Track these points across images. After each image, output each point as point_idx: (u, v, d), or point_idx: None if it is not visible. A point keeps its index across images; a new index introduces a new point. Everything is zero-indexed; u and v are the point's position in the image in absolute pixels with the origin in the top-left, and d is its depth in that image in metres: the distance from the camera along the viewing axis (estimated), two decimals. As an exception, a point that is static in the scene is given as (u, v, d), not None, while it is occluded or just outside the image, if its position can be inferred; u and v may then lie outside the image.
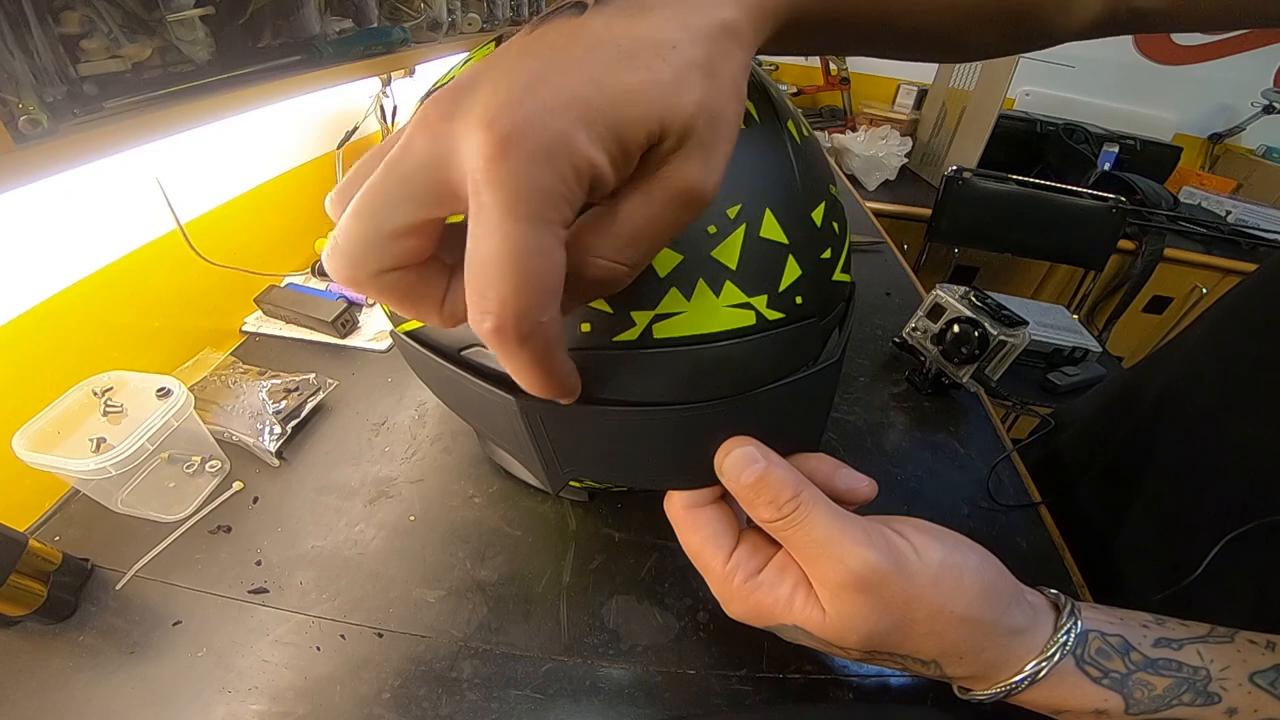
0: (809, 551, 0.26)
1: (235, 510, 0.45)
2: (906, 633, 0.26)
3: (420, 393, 0.56)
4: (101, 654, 0.36)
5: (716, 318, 0.28)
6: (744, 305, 0.29)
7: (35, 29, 0.33)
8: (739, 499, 0.28)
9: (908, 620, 0.25)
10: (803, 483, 0.27)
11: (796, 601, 0.27)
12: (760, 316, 0.29)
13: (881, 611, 0.25)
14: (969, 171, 1.51)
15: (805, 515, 0.26)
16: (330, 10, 0.57)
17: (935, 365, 0.57)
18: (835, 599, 0.26)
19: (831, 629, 0.26)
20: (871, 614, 0.25)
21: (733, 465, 0.28)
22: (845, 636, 0.26)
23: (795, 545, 0.27)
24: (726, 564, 0.28)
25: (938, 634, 0.26)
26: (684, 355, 0.28)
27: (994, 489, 0.50)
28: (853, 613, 0.25)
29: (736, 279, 0.28)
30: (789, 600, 0.27)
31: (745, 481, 0.27)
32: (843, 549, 0.25)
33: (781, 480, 0.27)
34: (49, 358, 0.46)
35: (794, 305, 0.30)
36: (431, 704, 0.34)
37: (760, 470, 0.27)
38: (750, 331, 0.29)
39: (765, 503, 0.27)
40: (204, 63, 0.44)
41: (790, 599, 0.27)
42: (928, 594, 0.25)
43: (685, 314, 0.28)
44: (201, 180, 0.58)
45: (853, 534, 0.25)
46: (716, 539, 0.29)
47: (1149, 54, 1.81)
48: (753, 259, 0.29)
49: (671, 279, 0.28)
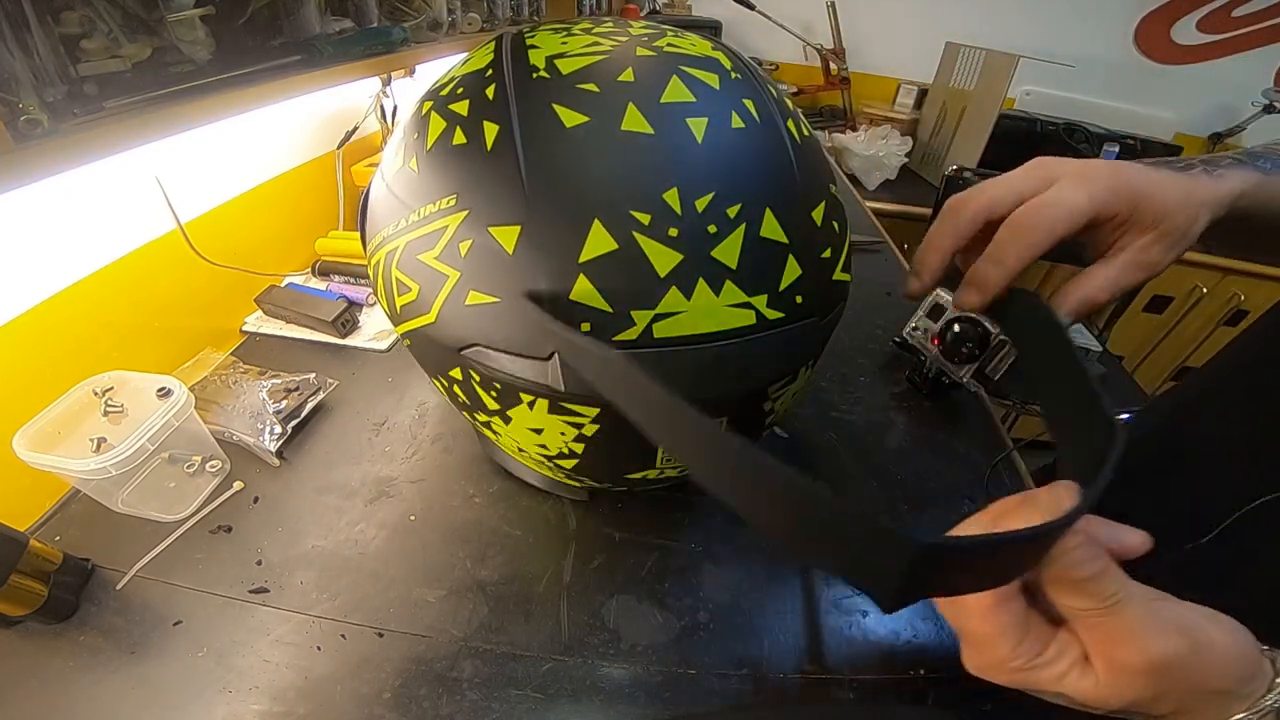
0: (1114, 636, 0.24)
1: (235, 510, 0.45)
2: (1159, 702, 0.25)
3: (420, 392, 0.56)
4: (102, 654, 0.36)
5: (716, 317, 0.28)
6: (744, 305, 0.29)
7: (35, 29, 0.33)
8: (1056, 585, 0.25)
9: (1168, 694, 0.24)
10: (1118, 570, 0.25)
11: (1070, 677, 0.25)
12: (760, 316, 0.29)
13: (1155, 689, 0.24)
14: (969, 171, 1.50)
15: (1124, 606, 0.24)
16: (330, 10, 0.57)
17: (935, 365, 0.57)
18: (1119, 676, 0.24)
19: (1096, 698, 0.25)
20: (1145, 691, 0.24)
21: (1075, 559, 0.24)
22: (1106, 703, 0.25)
23: (1100, 630, 0.25)
24: (1013, 652, 0.26)
25: (1183, 703, 0.25)
26: (684, 355, 0.28)
27: (994, 488, 0.50)
28: (1128, 688, 0.24)
29: (736, 278, 0.28)
30: (1061, 676, 0.26)
31: (1084, 574, 0.24)
32: (1150, 639, 0.24)
33: (1113, 573, 0.24)
34: (49, 358, 0.46)
35: (794, 305, 0.30)
36: (432, 704, 0.34)
37: (1102, 566, 0.24)
38: (750, 331, 0.29)
39: (1091, 594, 0.24)
40: (204, 63, 0.44)
41: (1064, 675, 0.25)
42: (1200, 677, 0.24)
43: (685, 314, 0.28)
44: (201, 180, 0.58)
45: (1163, 621, 0.24)
46: (1013, 630, 0.26)
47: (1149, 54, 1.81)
48: (753, 258, 0.29)
49: (672, 278, 0.28)
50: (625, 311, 0.28)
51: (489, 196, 0.29)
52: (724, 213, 0.28)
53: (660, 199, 0.28)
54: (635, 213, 0.28)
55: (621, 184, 0.28)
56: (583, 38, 0.33)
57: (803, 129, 0.35)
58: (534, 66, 0.31)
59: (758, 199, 0.29)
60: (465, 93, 0.32)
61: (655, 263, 0.27)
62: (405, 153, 0.34)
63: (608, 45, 0.32)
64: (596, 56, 0.31)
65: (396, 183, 0.34)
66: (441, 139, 0.32)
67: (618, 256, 0.27)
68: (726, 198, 0.28)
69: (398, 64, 0.68)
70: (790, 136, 0.32)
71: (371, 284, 0.37)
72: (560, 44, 0.32)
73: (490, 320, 0.30)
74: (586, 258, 0.27)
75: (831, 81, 1.86)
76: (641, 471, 0.37)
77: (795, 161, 0.31)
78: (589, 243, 0.27)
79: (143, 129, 0.39)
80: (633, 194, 0.28)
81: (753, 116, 0.31)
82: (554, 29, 0.34)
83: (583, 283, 0.28)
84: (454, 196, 0.30)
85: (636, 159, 0.28)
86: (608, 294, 0.28)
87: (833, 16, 1.79)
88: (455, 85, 0.33)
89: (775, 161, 0.31)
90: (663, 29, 0.35)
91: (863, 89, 1.93)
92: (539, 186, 0.28)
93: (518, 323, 0.29)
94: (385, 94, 0.81)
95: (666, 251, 0.27)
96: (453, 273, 0.30)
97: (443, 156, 0.31)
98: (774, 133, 0.32)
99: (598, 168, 0.28)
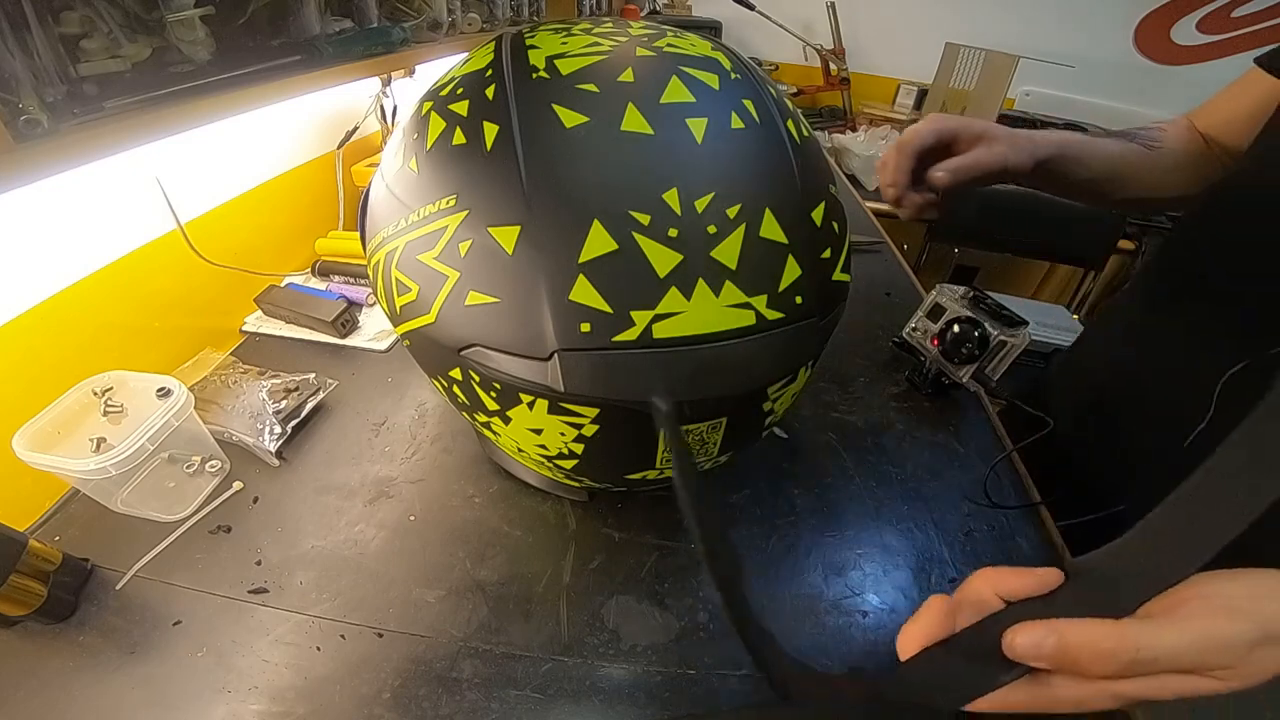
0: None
1: (235, 510, 0.45)
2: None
3: (420, 393, 0.56)
4: (102, 654, 0.36)
5: (716, 317, 0.28)
6: (744, 305, 0.29)
7: (35, 29, 0.33)
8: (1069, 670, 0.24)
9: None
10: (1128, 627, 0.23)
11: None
12: (760, 316, 0.29)
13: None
14: (969, 171, 1.50)
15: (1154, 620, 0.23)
16: (330, 10, 0.57)
17: (935, 365, 0.57)
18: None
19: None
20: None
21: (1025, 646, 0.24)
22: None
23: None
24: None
25: None
26: (684, 355, 0.28)
27: (993, 489, 0.50)
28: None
29: (736, 279, 0.29)
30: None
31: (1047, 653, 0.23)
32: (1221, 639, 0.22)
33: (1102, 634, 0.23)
34: (49, 358, 0.46)
35: (794, 305, 0.30)
36: (432, 704, 0.34)
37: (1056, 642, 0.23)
38: (750, 331, 0.29)
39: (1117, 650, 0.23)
40: (204, 63, 0.44)
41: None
42: None
43: (685, 314, 0.28)
44: (201, 180, 0.58)
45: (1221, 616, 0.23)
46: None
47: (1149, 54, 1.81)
48: (752, 259, 0.29)
49: (671, 279, 0.28)
50: (625, 312, 0.28)
51: (489, 197, 0.29)
52: (724, 213, 0.28)
53: (660, 199, 0.28)
54: (635, 213, 0.28)
55: (621, 184, 0.28)
56: (582, 38, 0.33)
57: (803, 129, 0.35)
58: (534, 67, 0.31)
59: (757, 199, 0.29)
60: (465, 93, 0.32)
61: (655, 263, 0.27)
62: (405, 153, 0.34)
63: (607, 45, 0.32)
64: (596, 57, 0.31)
65: (396, 183, 0.34)
66: (441, 139, 0.32)
67: (617, 257, 0.27)
68: (726, 198, 0.28)
69: (398, 64, 0.68)
70: (790, 137, 0.32)
71: (371, 284, 0.38)
72: (560, 44, 0.32)
73: (490, 320, 0.30)
74: (586, 258, 0.28)
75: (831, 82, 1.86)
76: (641, 472, 0.37)
77: (795, 162, 0.32)
78: (589, 243, 0.27)
79: (143, 129, 0.39)
80: (632, 194, 0.28)
81: (752, 117, 0.31)
82: (554, 29, 0.34)
83: (582, 283, 0.28)
84: (454, 197, 0.30)
85: (636, 159, 0.28)
86: (607, 294, 0.28)
87: (833, 17, 1.79)
88: (455, 85, 0.34)
89: (775, 162, 0.31)
90: (663, 29, 0.35)
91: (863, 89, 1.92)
92: (539, 187, 0.28)
93: (518, 323, 0.29)
94: (385, 94, 0.81)
95: (666, 252, 0.28)
96: (452, 273, 0.30)
97: (442, 157, 0.31)
98: (774, 133, 0.32)
99: (597, 168, 0.28)
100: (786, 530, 0.45)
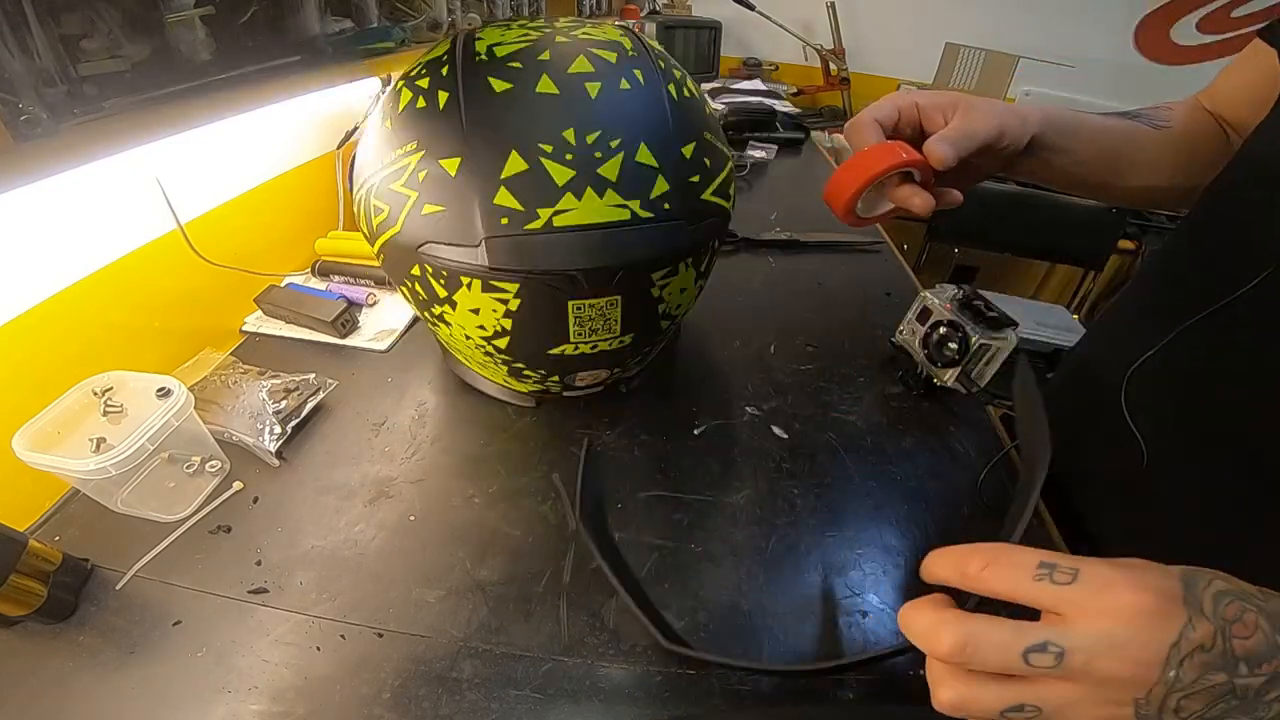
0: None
1: (235, 510, 0.45)
2: None
3: (420, 392, 0.56)
4: (101, 654, 0.36)
5: (600, 213, 0.38)
6: (621, 206, 0.39)
7: (35, 29, 0.33)
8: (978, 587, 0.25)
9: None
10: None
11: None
12: (634, 214, 0.39)
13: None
14: (969, 171, 1.50)
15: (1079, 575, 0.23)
16: (330, 10, 0.57)
17: (925, 367, 0.57)
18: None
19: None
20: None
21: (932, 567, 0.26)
22: None
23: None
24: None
25: None
26: (576, 237, 0.38)
27: (993, 488, 0.50)
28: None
29: (616, 187, 0.38)
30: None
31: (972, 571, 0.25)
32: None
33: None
34: (49, 358, 0.46)
35: (663, 210, 0.40)
36: (431, 704, 0.34)
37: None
38: (626, 224, 0.39)
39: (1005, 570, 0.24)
40: (204, 63, 0.44)
41: None
42: None
43: (576, 209, 0.38)
44: (201, 180, 0.58)
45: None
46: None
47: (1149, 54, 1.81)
48: (628, 175, 0.39)
49: (567, 187, 0.38)
50: (533, 210, 0.37)
51: (439, 139, 0.39)
52: (608, 144, 0.38)
53: (560, 135, 0.38)
54: (541, 144, 0.38)
55: (532, 126, 0.38)
56: (517, 31, 0.42)
57: (684, 92, 0.44)
58: (477, 53, 0.41)
59: (634, 136, 0.39)
60: (426, 72, 0.42)
61: (555, 177, 0.38)
62: (383, 117, 0.44)
63: (535, 35, 0.42)
64: (525, 44, 0.41)
65: (376, 138, 0.43)
66: (409, 105, 0.42)
67: (528, 174, 0.38)
68: (610, 134, 0.39)
69: (398, 64, 0.68)
70: (670, 96, 0.42)
71: (356, 217, 0.46)
72: (499, 36, 0.42)
73: (439, 223, 0.39)
74: (506, 175, 0.38)
75: (831, 82, 1.87)
76: (560, 347, 0.44)
77: (670, 113, 0.41)
78: (508, 165, 0.38)
79: (143, 129, 0.39)
80: (540, 132, 0.38)
81: (639, 81, 0.41)
82: (498, 27, 0.44)
83: (503, 192, 0.38)
84: (415, 143, 0.40)
85: (545, 110, 0.38)
86: (521, 198, 0.38)
87: (833, 17, 1.79)
88: (420, 68, 0.44)
89: (652, 112, 0.41)
90: (583, 22, 0.46)
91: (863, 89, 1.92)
92: (475, 131, 0.38)
93: (457, 223, 0.38)
94: (385, 94, 0.81)
95: (563, 169, 0.38)
96: (413, 194, 0.40)
97: (409, 117, 0.41)
98: (655, 92, 0.42)
99: (516, 118, 0.39)
100: (786, 530, 0.46)
